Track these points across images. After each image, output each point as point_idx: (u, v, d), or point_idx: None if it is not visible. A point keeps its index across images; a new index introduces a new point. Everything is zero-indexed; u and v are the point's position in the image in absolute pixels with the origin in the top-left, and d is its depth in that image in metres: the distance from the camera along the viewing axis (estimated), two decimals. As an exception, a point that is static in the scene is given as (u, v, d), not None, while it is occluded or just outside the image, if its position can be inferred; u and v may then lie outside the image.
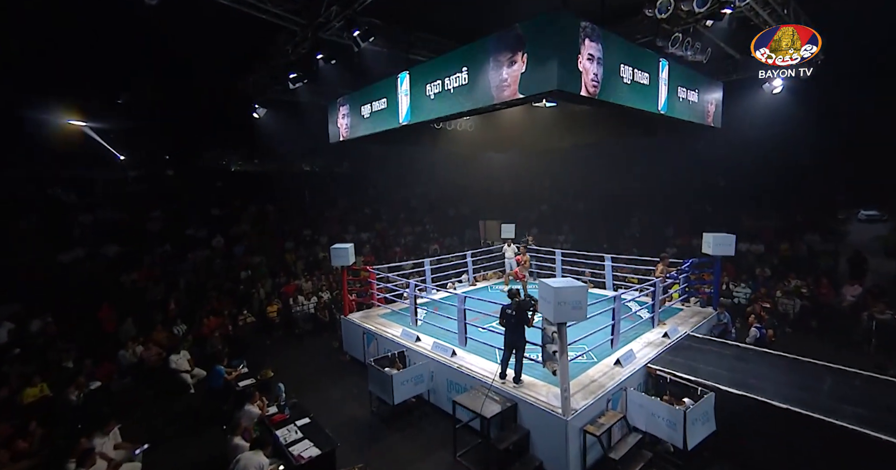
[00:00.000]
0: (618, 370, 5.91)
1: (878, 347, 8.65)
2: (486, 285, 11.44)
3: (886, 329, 8.76)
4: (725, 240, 8.13)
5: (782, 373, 5.62)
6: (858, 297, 10.67)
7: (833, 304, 10.78)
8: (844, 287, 11.12)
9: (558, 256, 11.21)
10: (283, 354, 9.43)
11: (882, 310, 9.12)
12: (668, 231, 16.75)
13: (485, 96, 5.10)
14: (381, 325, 8.39)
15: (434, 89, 5.82)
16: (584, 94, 4.66)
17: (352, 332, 8.74)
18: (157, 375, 7.05)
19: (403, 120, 6.52)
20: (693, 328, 7.54)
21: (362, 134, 7.64)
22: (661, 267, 7.92)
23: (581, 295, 4.50)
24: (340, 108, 8.06)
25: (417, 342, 7.29)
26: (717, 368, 5.84)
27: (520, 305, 5.38)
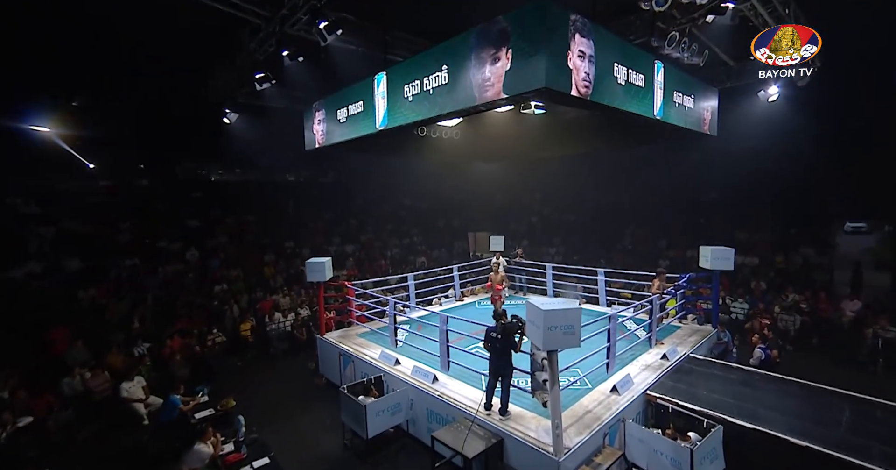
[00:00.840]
0: (614, 399, 5.36)
1: (885, 368, 8.22)
2: (473, 300, 10.88)
3: (893, 348, 8.35)
4: (724, 253, 7.72)
5: (795, 401, 5.12)
6: (858, 312, 10.34)
7: (833, 319, 10.41)
8: (843, 302, 10.78)
9: (549, 270, 10.72)
10: (254, 376, 8.71)
11: (884, 326, 8.74)
12: (661, 243, 16.42)
13: (467, 97, 4.64)
14: (360, 345, 7.77)
15: (412, 90, 5.36)
16: (575, 95, 4.22)
17: (328, 353, 8.10)
18: (105, 406, 6.31)
19: (380, 124, 6.04)
20: (693, 348, 7.05)
21: (339, 140, 7.14)
22: (658, 282, 7.45)
23: (574, 318, 3.97)
24: (316, 113, 7.58)
25: (397, 366, 6.68)
26: (723, 395, 5.32)
27: (506, 328, 4.83)
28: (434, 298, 10.76)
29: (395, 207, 20.17)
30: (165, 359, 7.73)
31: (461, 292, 11.06)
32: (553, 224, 19.92)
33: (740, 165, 15.25)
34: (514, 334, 4.88)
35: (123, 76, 9.23)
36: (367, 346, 7.69)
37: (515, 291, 11.50)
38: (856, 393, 5.17)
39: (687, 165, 17.13)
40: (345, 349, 7.59)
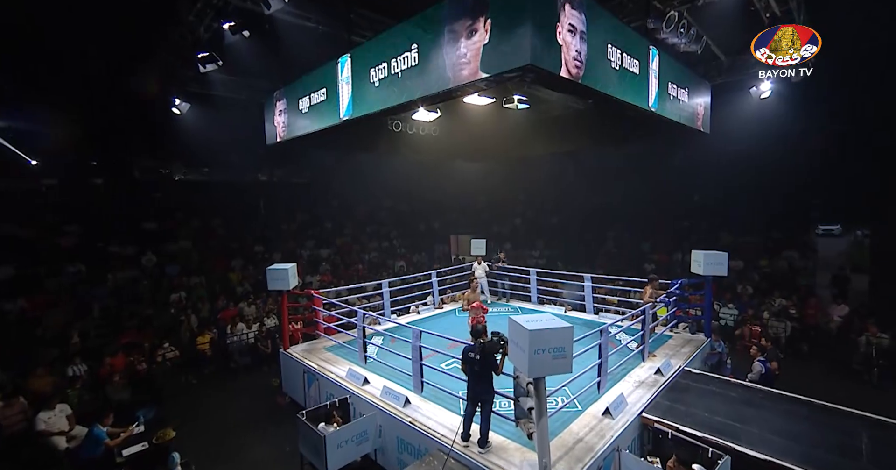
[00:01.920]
0: (608, 423, 4.76)
1: (880, 377, 7.91)
2: (454, 308, 10.20)
3: (887, 356, 8.06)
4: (717, 258, 7.28)
5: (805, 424, 4.62)
6: (845, 317, 10.12)
7: (821, 325, 10.17)
8: (830, 307, 10.57)
9: (533, 276, 10.15)
10: (210, 396, 7.84)
11: (875, 333, 8.47)
12: (645, 246, 16.13)
13: (440, 79, 4.00)
14: (326, 361, 7.00)
15: (379, 74, 4.69)
16: (565, 76, 3.63)
17: (291, 369, 7.30)
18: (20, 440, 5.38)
19: (345, 114, 5.34)
20: (687, 361, 6.55)
21: (301, 133, 6.41)
22: (650, 290, 6.94)
23: (565, 339, 3.35)
24: (277, 103, 6.82)
25: (365, 385, 5.95)
26: (726, 417, 4.79)
27: (485, 348, 4.18)
28: (412, 305, 10.06)
29: (375, 209, 19.40)
30: (101, 381, 6.79)
31: (440, 299, 10.39)
32: (537, 226, 19.47)
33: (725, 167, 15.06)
34: (496, 354, 4.23)
35: (53, 57, 8.21)
36: (335, 361, 6.93)
37: (497, 297, 10.90)
38: (868, 413, 4.72)
39: (670, 167, 16.92)
40: (309, 366, 6.81)
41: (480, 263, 10.44)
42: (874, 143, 11.93)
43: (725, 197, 15.19)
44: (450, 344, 5.76)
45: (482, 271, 10.40)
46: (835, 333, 9.90)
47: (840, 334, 9.74)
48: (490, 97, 7.38)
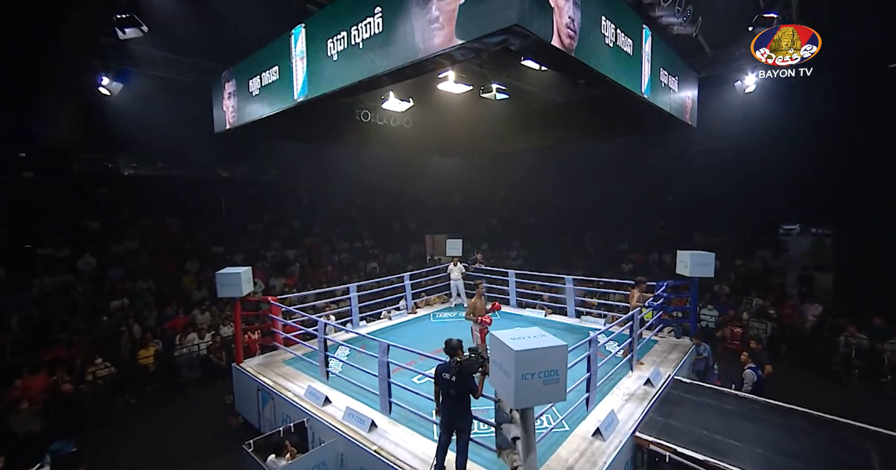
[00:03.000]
0: (599, 446, 4.24)
1: (860, 378, 7.82)
2: (428, 312, 9.57)
3: (865, 357, 7.99)
4: (704, 259, 6.96)
5: (809, 441, 4.25)
6: (819, 316, 10.12)
7: (797, 325, 10.13)
8: (805, 306, 10.57)
9: (512, 278, 9.64)
10: (149, 419, 6.89)
11: (854, 334, 8.42)
12: (623, 246, 15.99)
13: (408, 48, 3.36)
14: (284, 376, 6.23)
15: (337, 46, 4.00)
16: (558, 46, 3.06)
17: (244, 385, 6.48)
18: None
19: (299, 94, 4.62)
20: (676, 369, 6.16)
21: (253, 118, 5.61)
22: (638, 293, 6.52)
23: (558, 360, 2.78)
24: (226, 84, 5.99)
25: (326, 406, 5.24)
26: (725, 434, 4.37)
27: (462, 368, 3.56)
28: (383, 311, 9.36)
29: (346, 207, 18.51)
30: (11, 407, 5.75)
31: (414, 304, 9.73)
32: (513, 226, 19.10)
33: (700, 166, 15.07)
34: (474, 374, 3.63)
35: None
36: (293, 377, 6.16)
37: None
38: (870, 425, 4.41)
39: (646, 166, 16.85)
40: (263, 383, 6.02)
41: (457, 264, 9.86)
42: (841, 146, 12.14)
43: (699, 196, 15.18)
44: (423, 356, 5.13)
45: (458, 273, 9.83)
46: (810, 332, 9.85)
47: (815, 334, 9.70)
48: (467, 84, 6.79)
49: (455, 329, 8.33)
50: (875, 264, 10.90)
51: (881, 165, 11.22)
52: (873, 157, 11.29)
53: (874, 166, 11.34)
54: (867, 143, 11.62)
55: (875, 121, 11.35)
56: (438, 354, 6.83)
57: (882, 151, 11.15)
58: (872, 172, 11.44)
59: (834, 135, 12.24)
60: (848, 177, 11.95)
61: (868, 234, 11.49)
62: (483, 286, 6.20)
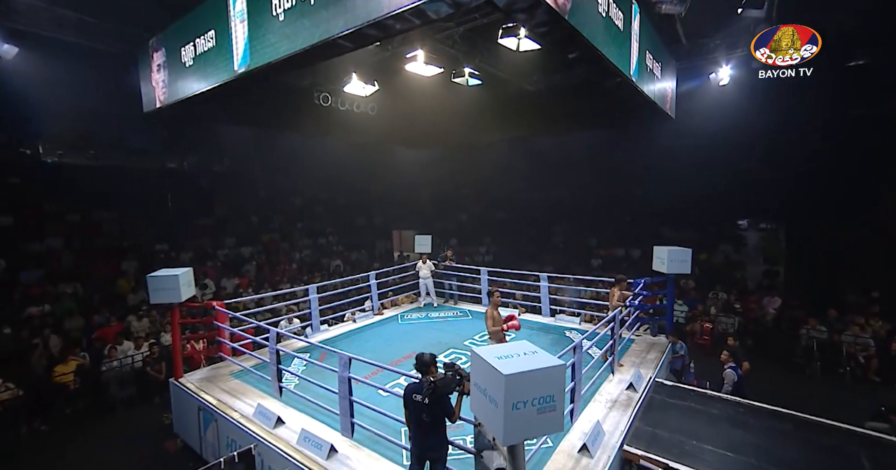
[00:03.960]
0: (587, 464, 3.85)
1: (822, 371, 7.98)
2: (396, 313, 8.97)
3: (826, 349, 8.17)
4: (681, 255, 6.78)
5: (798, 445, 4.06)
6: (779, 309, 10.39)
7: (759, 318, 10.35)
8: (766, 300, 10.83)
9: (484, 276, 9.19)
10: (63, 449, 5.90)
11: (815, 326, 8.62)
12: (592, 242, 16.00)
13: (369, 3, 2.74)
14: (231, 391, 5.46)
15: (284, 4, 3.30)
16: (552, 5, 2.54)
17: (184, 404, 5.65)
18: None
19: (240, 64, 3.88)
20: (656, 370, 5.92)
21: (187, 94, 4.77)
22: (618, 292, 6.22)
23: (555, 383, 2.30)
24: (154, 54, 5.09)
25: (279, 428, 4.56)
26: (715, 444, 4.10)
27: (437, 389, 3.01)
28: (347, 313, 8.67)
29: (309, 202, 17.45)
30: None
31: (380, 304, 9.09)
32: (483, 222, 18.74)
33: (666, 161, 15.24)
34: (448, 395, 3.09)
35: None
36: (241, 393, 5.41)
37: (445, 299, 9.84)
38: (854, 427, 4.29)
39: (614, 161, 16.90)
40: (204, 402, 5.23)
41: (426, 262, 9.30)
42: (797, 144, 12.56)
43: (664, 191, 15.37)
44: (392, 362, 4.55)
45: (427, 271, 9.28)
46: (771, 325, 10.08)
47: (776, 327, 9.93)
48: (438, 66, 6.21)
49: (424, 331, 7.80)
50: (825, 257, 11.35)
51: (833, 163, 11.66)
52: (830, 156, 11.70)
53: (828, 164, 11.76)
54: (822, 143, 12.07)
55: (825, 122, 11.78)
56: (408, 361, 6.38)
57: (836, 150, 11.60)
58: (824, 170, 11.86)
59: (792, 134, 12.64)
60: (799, 173, 12.35)
61: (817, 227, 11.97)
62: (499, 295, 5.42)
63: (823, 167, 11.81)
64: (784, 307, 10.34)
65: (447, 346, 6.90)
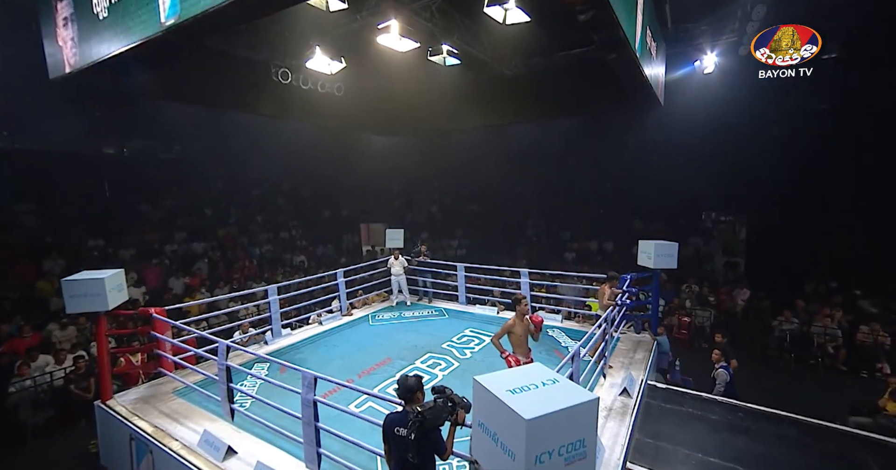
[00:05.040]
0: (590, 489, 3.40)
1: (796, 362, 8.06)
2: (366, 314, 8.27)
3: (798, 342, 8.26)
4: (668, 249, 6.55)
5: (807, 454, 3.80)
6: (748, 301, 10.55)
7: (730, 310, 10.47)
8: (735, 291, 10.98)
9: (461, 272, 8.65)
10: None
11: (788, 318, 8.73)
12: (565, 235, 15.84)
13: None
14: (172, 414, 4.64)
15: (222, -71, 2.53)
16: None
17: (113, 432, 4.76)
18: None
19: (167, 15, 3.05)
20: (647, 371, 5.61)
21: (103, 56, 3.83)
22: (609, 291, 5.84)
23: (586, 423, 1.77)
24: (57, 5, 4.07)
25: (229, 460, 3.82)
26: (721, 456, 3.79)
27: (425, 421, 2.41)
28: (312, 314, 7.90)
29: (269, 193, 16.26)
30: None
31: (349, 304, 8.36)
32: (455, 214, 18.20)
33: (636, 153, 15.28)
34: (441, 426, 2.51)
35: None
36: (185, 416, 4.60)
37: (419, 297, 9.24)
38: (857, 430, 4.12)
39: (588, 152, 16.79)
40: (137, 430, 4.38)
41: (398, 258, 8.64)
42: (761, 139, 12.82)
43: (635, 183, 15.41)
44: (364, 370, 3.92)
45: (400, 267, 8.63)
46: (741, 316, 10.20)
47: (746, 318, 10.05)
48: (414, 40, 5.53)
49: (398, 333, 7.17)
50: (784, 249, 11.68)
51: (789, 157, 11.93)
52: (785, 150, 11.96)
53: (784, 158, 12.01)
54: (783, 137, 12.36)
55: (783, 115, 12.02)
56: (382, 368, 5.74)
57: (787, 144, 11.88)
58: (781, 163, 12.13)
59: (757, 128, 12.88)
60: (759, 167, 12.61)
61: (774, 220, 12.30)
62: (527, 301, 4.37)
63: (780, 161, 12.09)
64: (752, 299, 10.48)
65: (424, 350, 6.32)
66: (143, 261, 10.52)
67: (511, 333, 4.10)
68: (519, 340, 4.09)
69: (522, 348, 4.10)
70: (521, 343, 4.09)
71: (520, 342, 4.10)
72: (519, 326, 4.09)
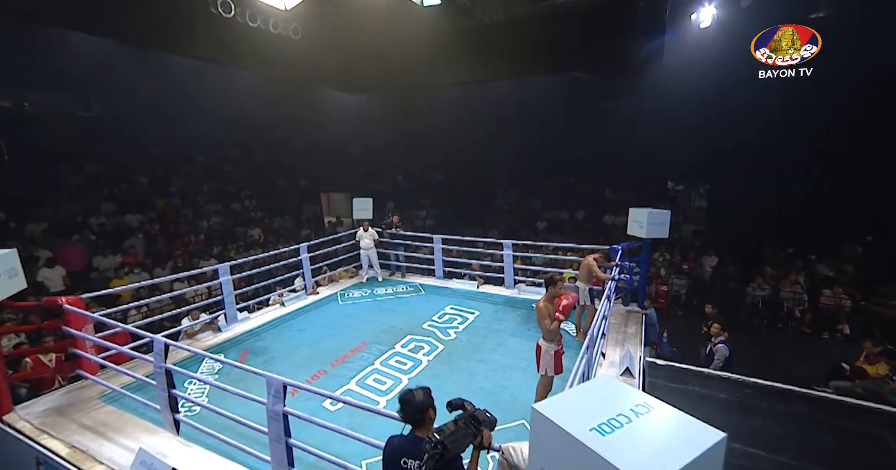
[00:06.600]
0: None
1: (768, 328, 8.25)
2: (334, 292, 7.47)
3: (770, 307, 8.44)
4: (661, 217, 6.18)
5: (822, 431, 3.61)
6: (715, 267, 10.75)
7: (699, 277, 10.62)
8: (703, 258, 11.15)
9: (437, 244, 7.98)
10: None
11: (760, 285, 8.89)
12: (536, 204, 15.48)
13: None
14: (98, 427, 3.74)
15: None
16: None
17: (13, 455, 3.79)
18: None
19: None
20: (643, 346, 5.33)
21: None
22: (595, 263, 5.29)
23: None
24: None
25: (174, 484, 3.05)
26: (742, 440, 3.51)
27: (446, 453, 1.77)
28: (273, 295, 7.00)
29: (217, 160, 14.53)
30: None
31: (315, 282, 7.50)
32: (420, 183, 17.27)
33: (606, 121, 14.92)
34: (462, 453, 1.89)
35: None
36: (116, 428, 3.72)
37: (391, 272, 8.52)
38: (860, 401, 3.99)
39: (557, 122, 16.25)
40: (45, 451, 3.47)
41: (367, 230, 7.81)
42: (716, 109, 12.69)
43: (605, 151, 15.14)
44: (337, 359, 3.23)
45: (370, 240, 7.82)
46: (710, 283, 10.37)
47: (716, 284, 10.23)
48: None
49: (372, 313, 6.47)
50: (743, 215, 11.96)
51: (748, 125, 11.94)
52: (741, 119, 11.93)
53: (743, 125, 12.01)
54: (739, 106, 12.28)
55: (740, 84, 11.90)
56: (358, 354, 5.05)
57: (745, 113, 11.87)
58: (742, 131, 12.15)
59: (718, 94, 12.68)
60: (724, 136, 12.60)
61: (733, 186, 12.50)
62: (563, 283, 3.89)
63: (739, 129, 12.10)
64: (719, 265, 10.66)
65: (403, 332, 5.69)
66: (60, 237, 8.95)
67: (548, 316, 3.55)
68: (555, 326, 3.56)
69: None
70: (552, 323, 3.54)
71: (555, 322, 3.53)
72: (549, 306, 3.58)
